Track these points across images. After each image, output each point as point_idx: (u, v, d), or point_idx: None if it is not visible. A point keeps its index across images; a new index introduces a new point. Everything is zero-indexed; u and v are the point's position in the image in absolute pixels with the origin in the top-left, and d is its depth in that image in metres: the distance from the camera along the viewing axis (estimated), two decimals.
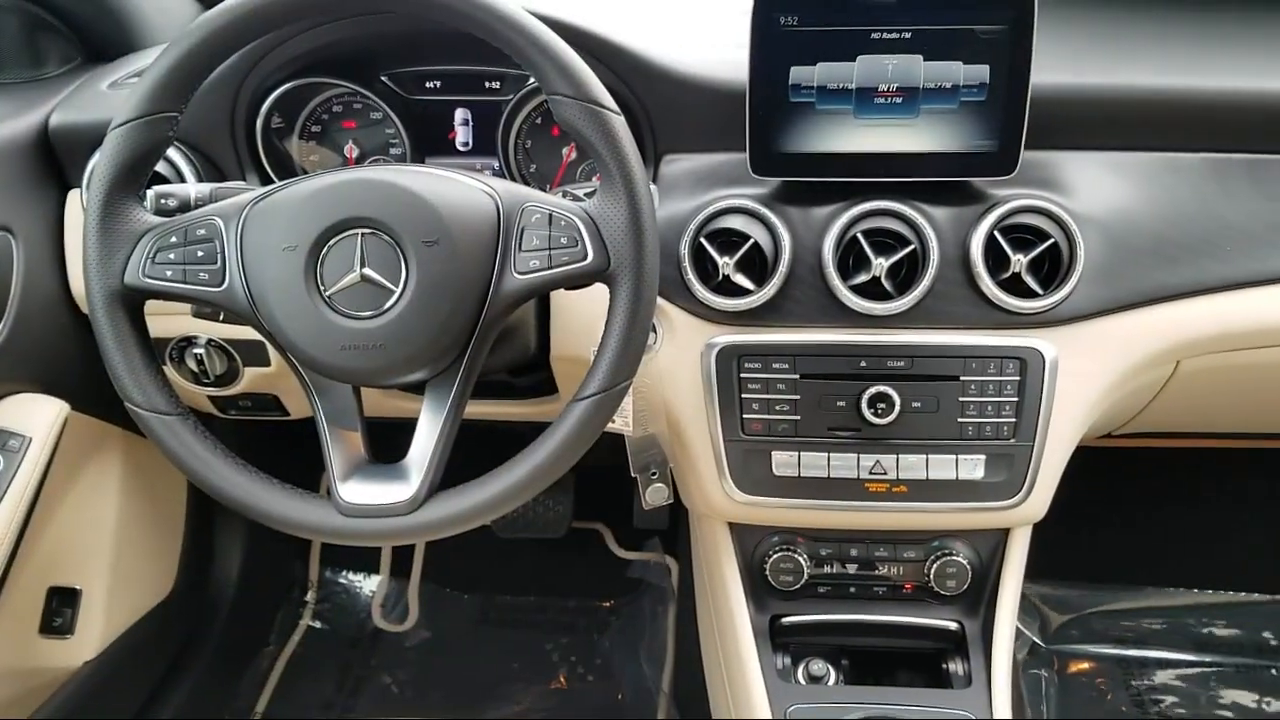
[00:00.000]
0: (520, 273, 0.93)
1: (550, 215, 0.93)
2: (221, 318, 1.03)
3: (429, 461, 0.95)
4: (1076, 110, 1.18)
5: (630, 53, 1.18)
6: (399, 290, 0.91)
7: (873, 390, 1.14)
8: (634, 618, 2.10)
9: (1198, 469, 2.06)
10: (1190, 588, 2.09)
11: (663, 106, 1.20)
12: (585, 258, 0.92)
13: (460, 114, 1.30)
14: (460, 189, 0.94)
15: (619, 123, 0.93)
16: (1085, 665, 2.01)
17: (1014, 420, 1.15)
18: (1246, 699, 1.93)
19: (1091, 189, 1.17)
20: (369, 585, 2.22)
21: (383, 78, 1.29)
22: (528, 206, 0.94)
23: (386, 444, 1.01)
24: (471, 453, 1.04)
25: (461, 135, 1.31)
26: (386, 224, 0.91)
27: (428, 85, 1.29)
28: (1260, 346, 1.23)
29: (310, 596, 2.20)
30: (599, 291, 0.96)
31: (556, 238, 0.93)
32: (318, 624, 2.16)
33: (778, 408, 1.16)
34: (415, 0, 0.92)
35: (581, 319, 1.16)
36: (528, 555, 2.21)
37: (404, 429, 0.98)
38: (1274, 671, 1.98)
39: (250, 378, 1.35)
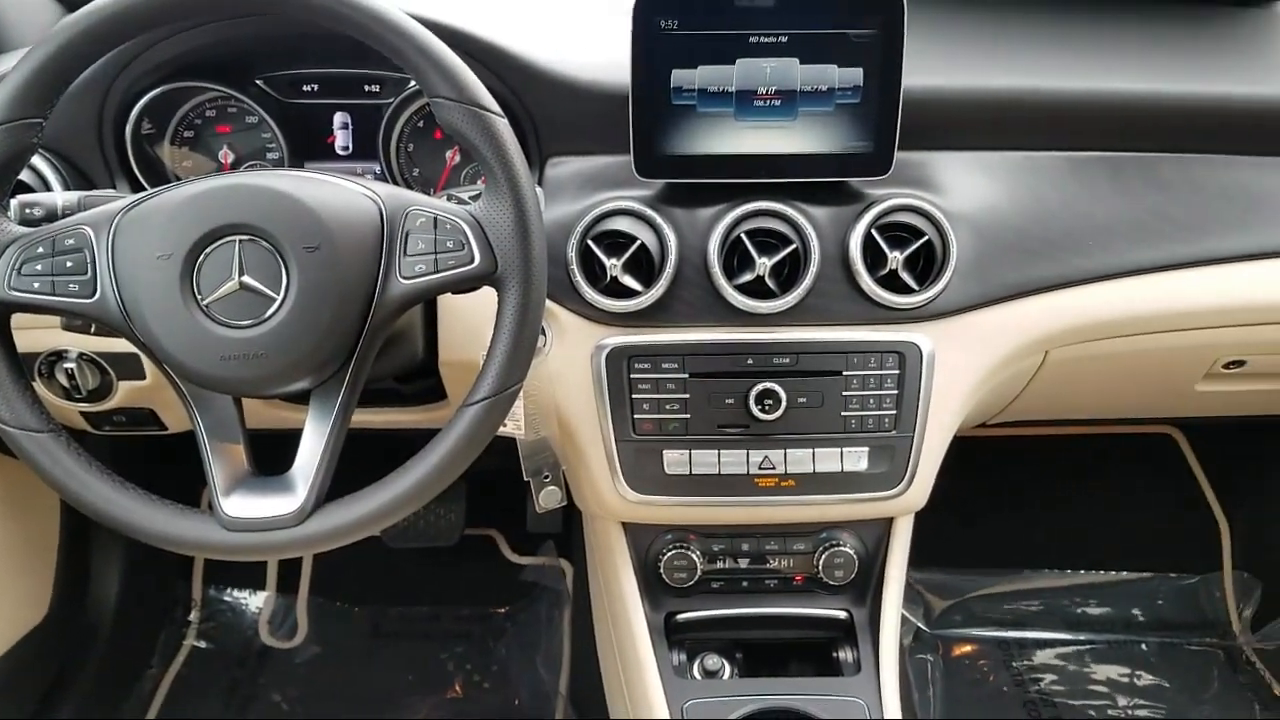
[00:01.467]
0: (405, 277, 0.92)
1: (435, 219, 0.92)
2: (93, 330, 0.99)
3: (315, 472, 0.93)
4: (946, 112, 1.23)
5: (512, 55, 1.18)
6: (280, 298, 0.89)
7: (760, 387, 1.16)
8: (529, 622, 2.09)
9: (1067, 454, 2.15)
10: (1064, 569, 2.18)
11: (546, 109, 1.20)
12: (472, 261, 0.92)
13: (339, 118, 1.28)
14: (341, 193, 0.93)
15: (503, 125, 0.93)
16: (968, 648, 2.08)
17: (894, 412, 1.18)
18: (1118, 673, 2.02)
19: (962, 188, 1.21)
20: (255, 602, 2.16)
21: (258, 81, 1.26)
22: (412, 210, 0.93)
23: (271, 456, 0.98)
24: (360, 462, 1.02)
25: (341, 139, 1.29)
26: (265, 230, 0.89)
27: (305, 89, 1.27)
28: (1122, 335, 1.29)
29: (194, 616, 2.13)
30: (486, 295, 0.95)
31: (442, 241, 0.92)
32: (203, 643, 2.09)
33: (668, 407, 1.17)
34: (292, 2, 0.90)
35: (469, 323, 1.16)
36: (419, 564, 2.18)
37: (288, 440, 0.96)
38: (1143, 646, 2.08)
39: (125, 392, 1.31)
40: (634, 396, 1.17)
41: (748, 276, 1.13)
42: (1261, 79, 1.33)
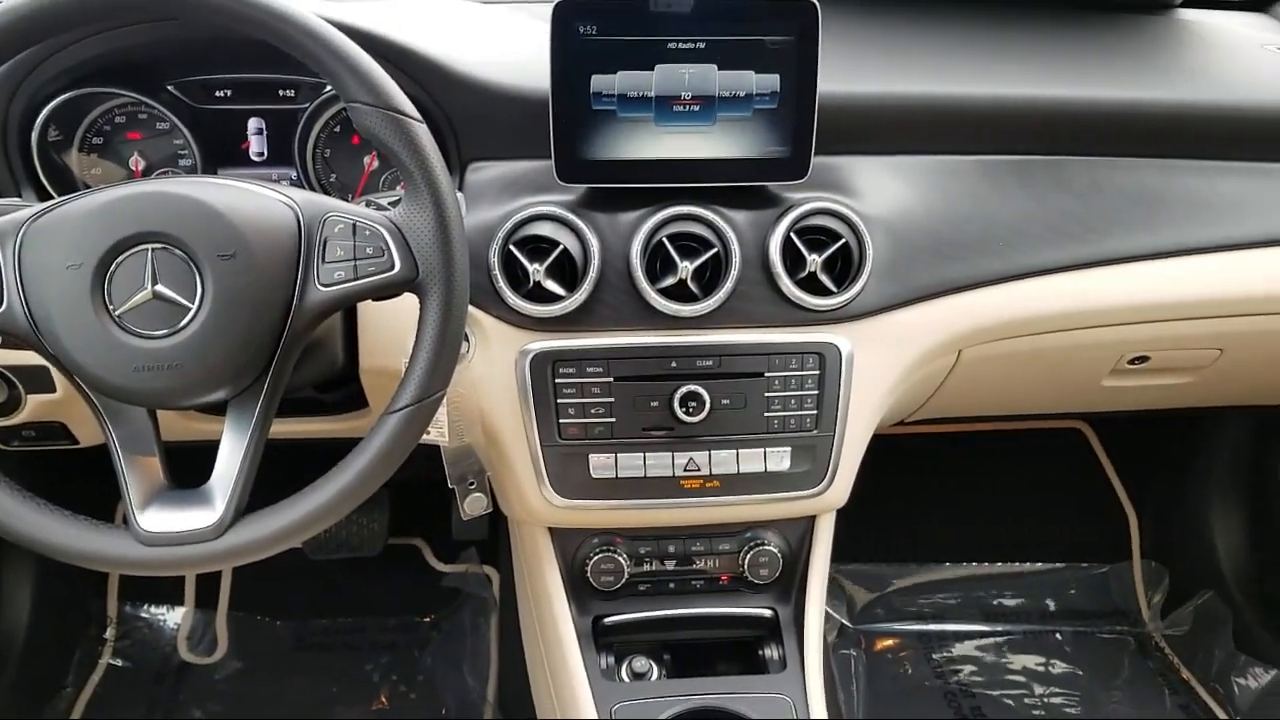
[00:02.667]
0: (324, 285, 0.91)
1: (354, 225, 0.92)
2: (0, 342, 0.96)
3: (234, 484, 0.91)
4: (861, 117, 1.25)
5: (430, 60, 1.17)
6: (195, 307, 0.88)
7: (684, 390, 1.16)
8: (456, 631, 2.08)
9: (982, 450, 2.20)
10: (980, 562, 2.23)
11: (466, 114, 1.20)
12: (392, 268, 0.91)
13: (254, 123, 1.26)
14: (256, 200, 0.91)
15: (422, 130, 0.92)
16: (890, 642, 2.12)
17: (815, 412, 1.20)
18: (1033, 662, 2.07)
19: (877, 192, 1.24)
20: (173, 617, 2.11)
21: (169, 87, 1.23)
22: (330, 217, 0.92)
23: (187, 468, 0.96)
24: (280, 473, 1.01)
25: (256, 145, 1.27)
26: (178, 238, 0.87)
27: (218, 94, 1.25)
28: (1032, 334, 1.33)
29: (110, 633, 2.07)
30: (408, 302, 0.95)
31: (362, 248, 0.91)
32: (119, 661, 2.03)
33: (593, 411, 1.18)
34: (202, 6, 0.88)
35: (390, 330, 1.15)
36: (342, 575, 2.15)
37: (206, 452, 0.94)
38: (1057, 635, 2.14)
39: (34, 406, 1.27)
40: (559, 401, 1.17)
41: (670, 280, 1.14)
42: (1163, 84, 1.38)
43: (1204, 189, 1.34)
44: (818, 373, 1.19)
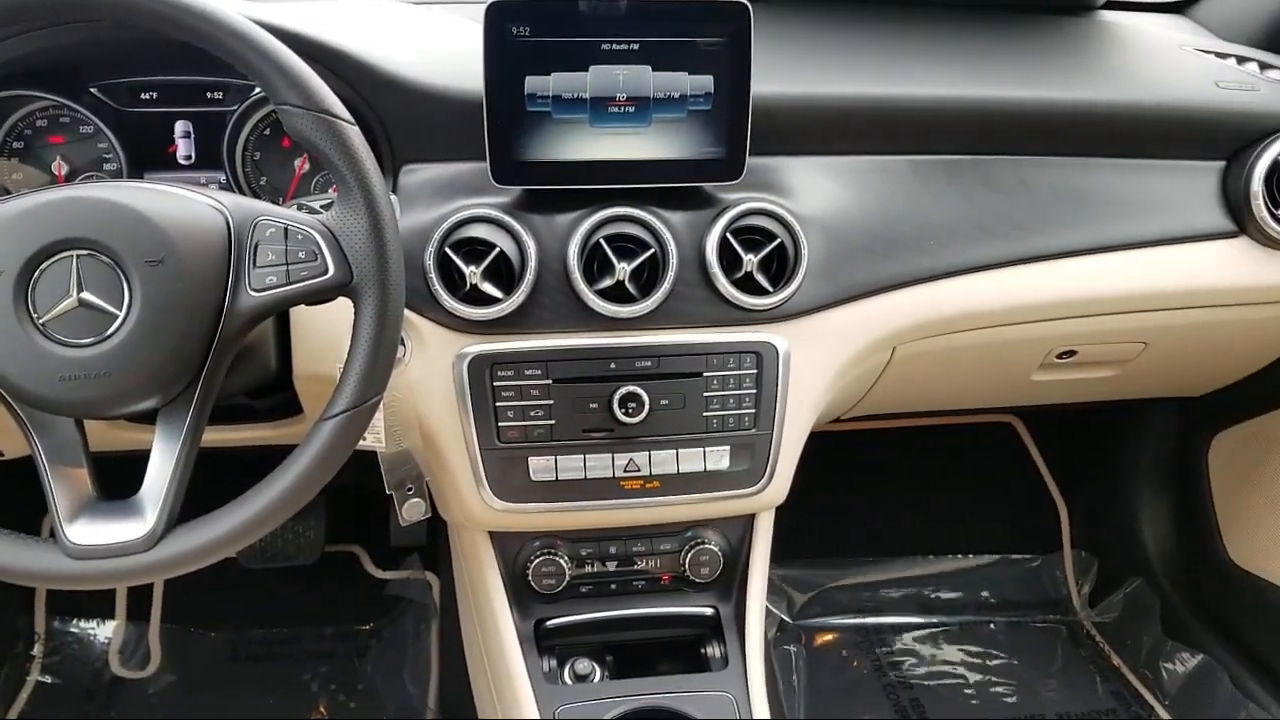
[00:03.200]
0: (256, 290, 0.90)
1: (286, 229, 0.90)
2: None
3: (165, 494, 0.89)
4: (795, 118, 1.26)
5: (361, 61, 1.16)
6: (122, 314, 0.86)
7: (623, 391, 1.17)
8: (396, 638, 2.06)
9: (915, 446, 2.24)
10: (917, 556, 2.26)
11: (398, 116, 1.18)
12: (326, 272, 0.90)
13: (181, 126, 1.24)
14: (184, 204, 0.90)
15: (354, 133, 0.91)
16: (829, 637, 2.14)
17: (754, 411, 1.21)
18: (970, 653, 2.11)
19: (811, 192, 1.25)
20: (104, 631, 2.06)
21: (92, 89, 1.21)
22: (261, 221, 0.90)
23: (117, 479, 0.94)
24: (213, 482, 0.99)
25: (183, 148, 1.24)
26: (104, 244, 0.85)
27: (143, 96, 1.22)
28: (963, 330, 1.36)
29: (38, 650, 2.01)
30: (341, 306, 0.94)
31: (294, 252, 0.90)
32: (48, 679, 1.98)
33: (532, 414, 1.17)
34: (127, 7, 0.86)
35: (324, 335, 1.13)
36: (279, 585, 2.11)
37: (136, 462, 0.92)
38: (992, 626, 2.18)
39: None
40: (497, 404, 1.17)
41: (608, 281, 1.14)
42: (1086, 84, 1.41)
43: (1127, 186, 1.37)
44: (755, 372, 1.20)
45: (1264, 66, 1.51)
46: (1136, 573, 2.09)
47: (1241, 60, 1.52)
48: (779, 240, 1.18)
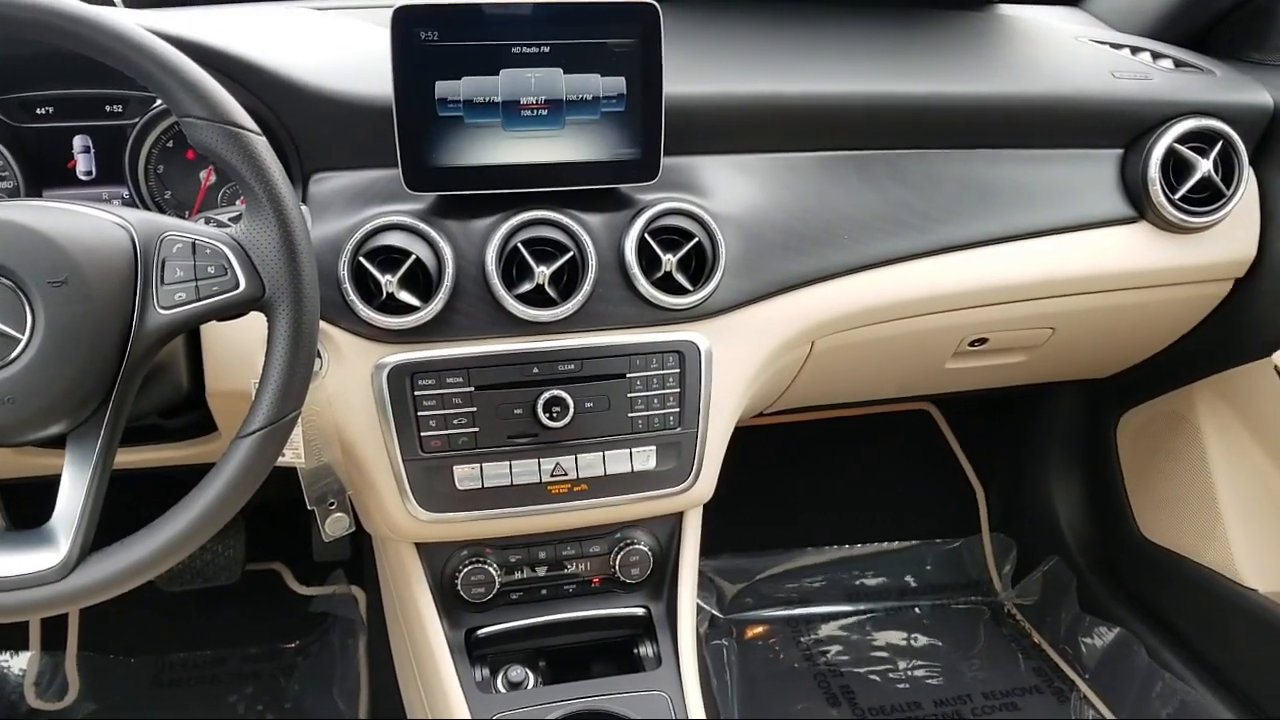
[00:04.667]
0: (165, 308, 0.87)
1: (194, 244, 0.88)
2: None
3: (78, 520, 0.86)
4: (707, 117, 1.27)
5: (266, 69, 1.13)
6: (25, 338, 0.83)
7: (547, 395, 1.16)
8: (323, 654, 2.02)
9: (837, 436, 2.27)
10: (841, 544, 2.29)
11: (306, 124, 1.16)
12: (237, 286, 0.88)
13: (80, 141, 1.20)
14: (87, 222, 0.87)
15: (260, 143, 0.89)
16: (760, 629, 2.16)
17: (678, 410, 1.21)
18: (896, 638, 2.14)
19: (727, 190, 1.26)
20: (18, 663, 1.98)
21: None
22: (167, 236, 0.88)
23: (27, 507, 0.91)
24: (128, 506, 0.96)
25: (83, 164, 1.20)
26: (3, 266, 0.82)
27: (39, 111, 1.18)
28: (878, 322, 1.38)
29: None
30: (254, 321, 0.92)
31: (203, 267, 0.88)
32: None
33: (455, 422, 1.16)
34: (20, 20, 0.83)
35: (237, 351, 1.10)
36: (199, 606, 2.06)
37: (46, 488, 0.89)
38: (917, 610, 2.22)
39: None
40: (419, 414, 1.15)
41: (527, 286, 1.14)
42: (985, 77, 1.45)
43: (1031, 177, 1.41)
44: (678, 371, 1.20)
45: (1156, 56, 1.56)
46: (1053, 552, 2.15)
47: (1135, 50, 1.57)
48: (696, 239, 1.18)
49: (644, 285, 1.17)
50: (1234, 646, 1.74)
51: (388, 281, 1.10)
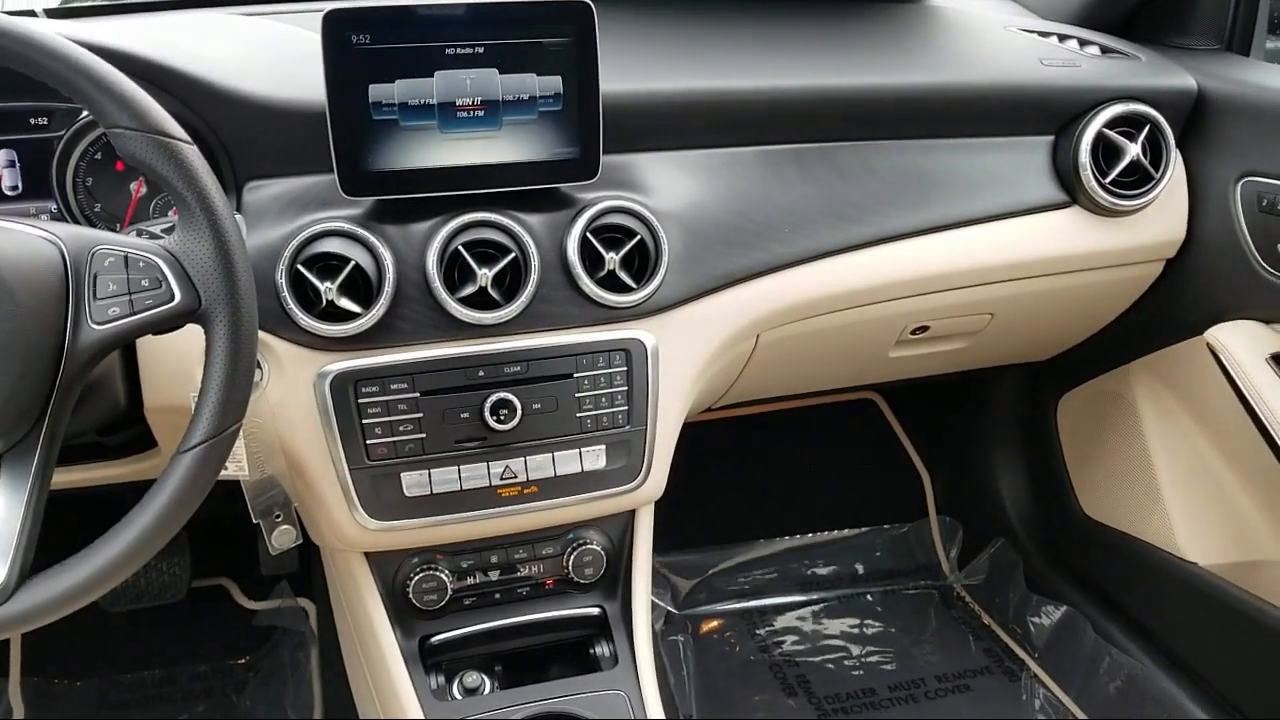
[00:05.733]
0: (98, 323, 0.85)
1: (126, 257, 0.86)
2: None
3: (16, 543, 0.84)
4: (645, 115, 1.27)
5: (195, 77, 1.11)
6: None
7: (494, 398, 1.15)
8: (274, 670, 1.99)
9: (785, 428, 2.28)
10: (793, 535, 2.31)
11: (238, 132, 1.14)
12: (172, 299, 0.86)
13: (4, 155, 1.17)
14: (13, 238, 0.84)
15: (192, 153, 0.87)
16: (715, 623, 2.16)
17: (626, 408, 1.21)
18: (849, 625, 2.16)
19: (667, 187, 1.26)
20: None
21: None
22: (99, 250, 0.86)
23: None
24: (68, 526, 0.94)
25: (8, 178, 1.17)
26: None
27: None
28: (822, 313, 1.39)
29: None
30: (191, 333, 0.90)
31: (136, 280, 0.86)
32: None
33: (401, 428, 1.15)
34: None
35: (175, 364, 1.08)
36: (145, 626, 2.02)
37: None
38: (868, 597, 2.24)
39: None
40: (364, 422, 1.14)
41: (470, 289, 1.13)
42: (918, 68, 1.47)
43: (966, 165, 1.43)
44: (625, 369, 1.20)
45: (1083, 43, 1.59)
46: (999, 533, 2.18)
47: (1062, 38, 1.60)
48: (639, 237, 1.18)
49: (588, 284, 1.17)
50: (1176, 619, 1.78)
51: (327, 289, 1.09)
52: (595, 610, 1.34)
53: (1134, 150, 1.45)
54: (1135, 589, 1.87)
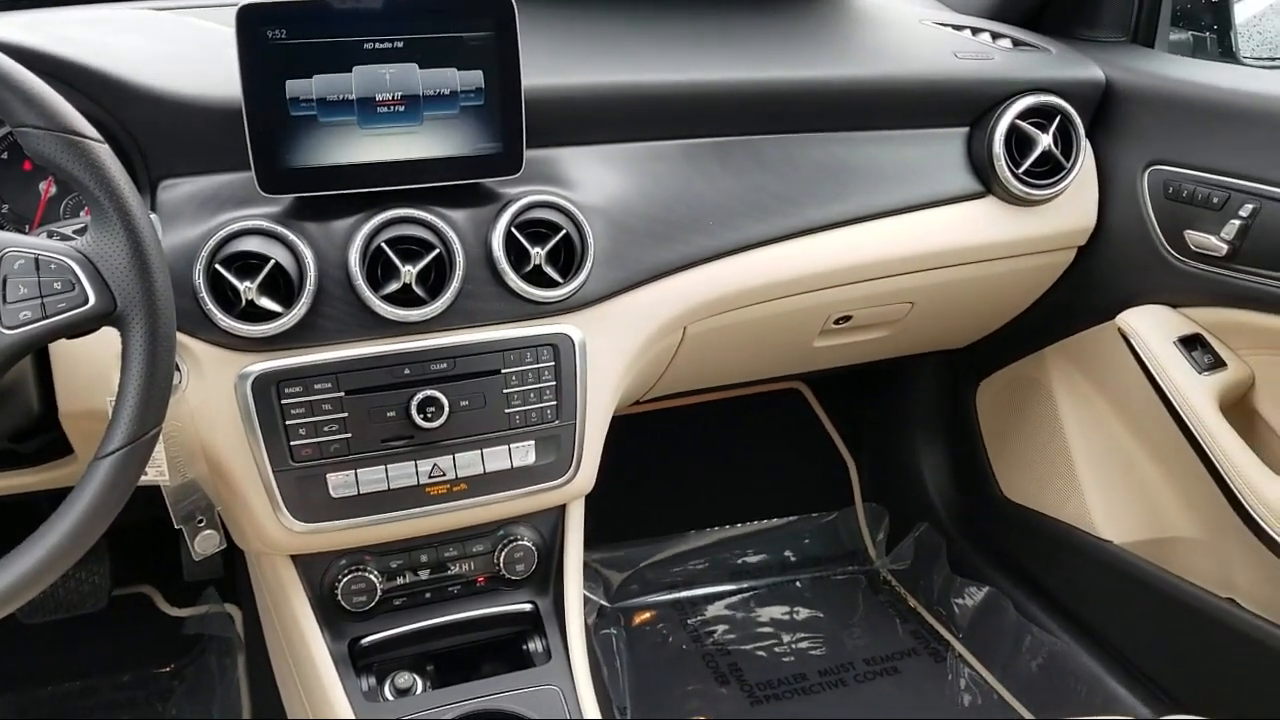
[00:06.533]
0: (9, 327, 0.83)
1: (36, 259, 0.84)
2: None
3: None
4: (568, 109, 1.27)
5: (105, 74, 1.08)
6: None
7: (420, 395, 1.14)
8: (200, 677, 1.95)
9: (712, 419, 2.29)
10: (723, 525, 2.33)
11: (151, 129, 1.12)
12: (86, 302, 0.84)
13: None
14: None
15: (104, 152, 0.85)
16: (647, 615, 2.17)
17: (555, 403, 1.21)
18: (779, 612, 2.18)
19: (592, 181, 1.26)
20: None
21: None
22: (8, 253, 0.83)
23: None
24: None
25: None
26: None
27: None
28: (747, 305, 1.41)
29: None
30: (106, 337, 0.88)
31: (48, 283, 0.84)
32: None
33: (326, 429, 1.13)
34: None
35: (90, 368, 1.06)
36: (65, 637, 1.96)
37: None
38: (798, 584, 2.26)
39: None
40: (288, 423, 1.12)
41: (394, 286, 1.12)
42: (838, 62, 1.49)
43: (884, 157, 1.45)
44: (553, 364, 1.20)
45: (995, 36, 1.63)
46: (923, 517, 2.22)
47: (975, 31, 1.64)
48: (564, 231, 1.18)
49: (513, 280, 1.17)
50: (1093, 596, 1.84)
51: (246, 288, 1.07)
52: (527, 606, 1.34)
53: (1045, 141, 1.49)
54: (1054, 568, 1.92)
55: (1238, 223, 1.40)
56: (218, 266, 1.07)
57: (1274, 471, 1.41)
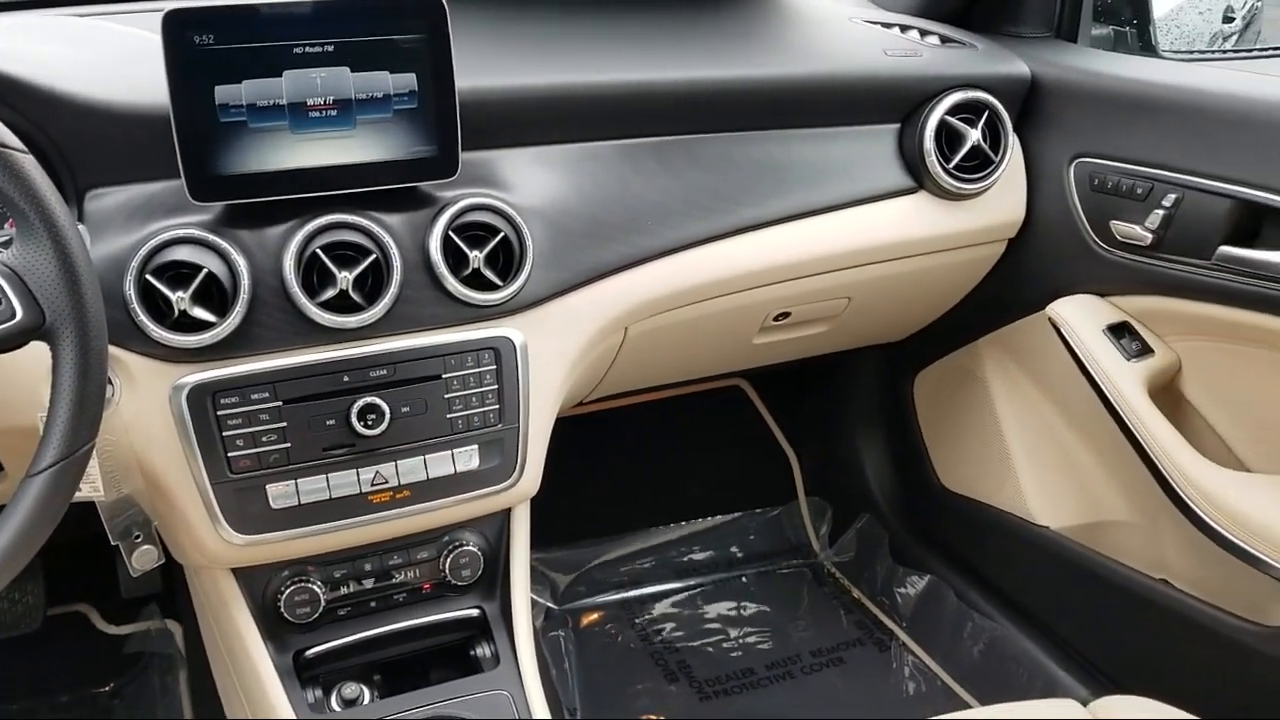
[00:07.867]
0: None
1: None
2: None
3: None
4: (503, 111, 1.26)
5: (26, 83, 1.06)
6: None
7: (361, 403, 1.13)
8: (140, 695, 1.91)
9: (656, 418, 2.30)
10: (668, 523, 2.34)
11: (76, 138, 1.09)
12: (13, 316, 0.82)
13: None
14: None
15: (28, 162, 0.84)
16: (595, 616, 2.17)
17: (497, 407, 1.21)
18: (726, 608, 2.20)
19: (529, 183, 1.26)
20: None
21: None
22: None
23: None
24: None
25: None
26: None
27: None
28: (687, 304, 1.41)
29: None
30: (36, 351, 0.86)
31: None
32: None
33: (265, 439, 1.12)
34: None
35: (18, 384, 1.03)
36: (0, 659, 1.92)
37: None
38: (744, 579, 2.28)
39: None
40: (224, 434, 1.10)
41: (330, 292, 1.10)
42: (770, 61, 1.50)
43: (819, 154, 1.47)
44: (495, 367, 1.20)
45: (923, 33, 1.66)
46: (864, 509, 2.25)
47: (904, 29, 1.66)
48: (502, 234, 1.18)
49: (452, 283, 1.16)
50: (1031, 581, 1.87)
51: (179, 299, 1.05)
52: (474, 611, 1.34)
53: (974, 136, 1.51)
54: (992, 555, 1.96)
55: (1161, 212, 1.43)
56: (149, 277, 1.05)
57: (1201, 455, 1.45)
